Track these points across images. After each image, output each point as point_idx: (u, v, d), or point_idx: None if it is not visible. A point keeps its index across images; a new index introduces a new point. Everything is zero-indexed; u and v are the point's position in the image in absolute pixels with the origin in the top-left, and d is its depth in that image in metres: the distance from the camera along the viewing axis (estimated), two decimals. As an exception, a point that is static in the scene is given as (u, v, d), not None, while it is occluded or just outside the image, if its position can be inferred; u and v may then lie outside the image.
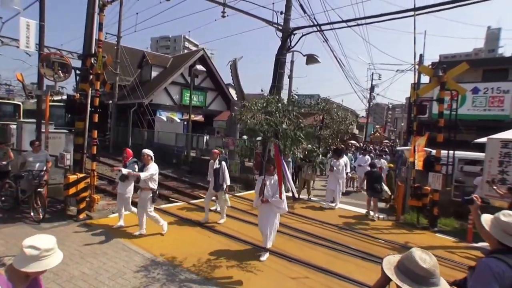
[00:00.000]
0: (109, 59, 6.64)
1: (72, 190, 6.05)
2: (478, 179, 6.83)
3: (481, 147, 7.16)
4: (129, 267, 4.28)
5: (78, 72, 6.52)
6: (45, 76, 6.37)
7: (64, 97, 14.56)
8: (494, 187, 5.32)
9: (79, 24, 7.34)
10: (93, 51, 6.79)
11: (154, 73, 22.14)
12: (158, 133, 18.19)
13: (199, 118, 22.47)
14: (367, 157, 12.27)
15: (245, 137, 10.07)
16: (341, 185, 8.82)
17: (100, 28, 6.58)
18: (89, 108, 6.55)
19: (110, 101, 19.19)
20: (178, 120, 19.20)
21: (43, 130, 6.88)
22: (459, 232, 6.64)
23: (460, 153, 8.10)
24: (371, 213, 7.77)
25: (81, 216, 6.17)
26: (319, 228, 6.58)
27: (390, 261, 1.63)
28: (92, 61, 6.50)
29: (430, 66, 9.71)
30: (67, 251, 4.59)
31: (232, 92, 21.54)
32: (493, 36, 66.38)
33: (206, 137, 15.95)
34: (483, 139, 6.96)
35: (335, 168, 8.55)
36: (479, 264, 1.90)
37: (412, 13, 6.75)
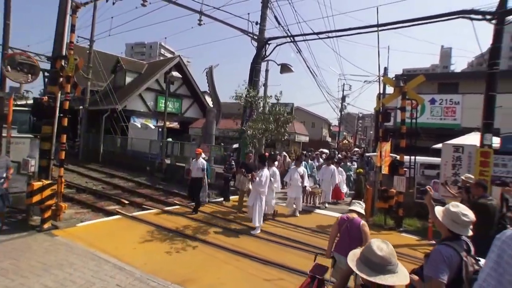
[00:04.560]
0: (81, 62, 6.43)
1: (36, 198, 5.71)
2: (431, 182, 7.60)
3: (438, 153, 7.82)
4: (98, 277, 4.12)
5: (46, 74, 6.25)
6: (9, 78, 6.05)
7: (30, 101, 13.71)
8: (447, 188, 5.86)
9: (47, 25, 7.04)
10: (64, 53, 6.57)
11: (128, 79, 21.61)
12: (132, 140, 17.67)
13: (175, 125, 22.15)
14: (332, 167, 9.66)
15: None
16: (262, 202, 6.79)
17: (73, 30, 6.36)
18: (57, 112, 6.28)
19: (81, 107, 18.40)
20: (153, 127, 18.80)
21: (4, 134, 6.46)
22: (421, 231, 7.12)
23: (421, 158, 8.76)
24: None
25: (46, 225, 5.84)
26: (293, 232, 6.74)
27: (355, 253, 1.73)
28: (63, 63, 6.27)
29: (393, 78, 10.46)
30: (26, 264, 4.31)
31: (208, 99, 21.53)
32: (446, 54, 76.37)
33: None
34: (439, 145, 7.63)
35: (257, 179, 6.75)
36: (432, 251, 2.17)
37: (375, 28, 7.33)
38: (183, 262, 4.85)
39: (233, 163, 9.61)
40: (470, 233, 2.19)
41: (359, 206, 3.57)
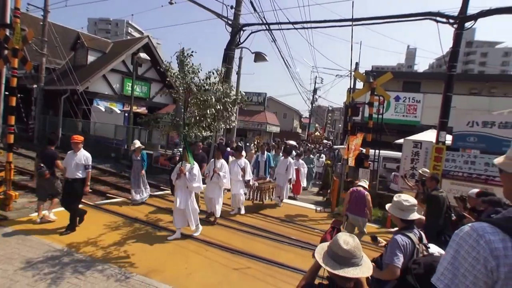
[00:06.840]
0: (30, 33, 5.70)
1: (-21, 186, 5.15)
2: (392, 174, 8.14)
3: (398, 147, 8.35)
4: (56, 271, 3.86)
5: None
6: None
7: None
8: (405, 181, 6.31)
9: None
10: (9, 21, 5.80)
11: (90, 58, 19.98)
12: (95, 124, 16.54)
13: (142, 110, 21.10)
14: (288, 159, 8.38)
15: None
16: (191, 200, 5.36)
17: (17, -6, 5.50)
18: (3, 90, 5.61)
19: (35, 86, 16.71)
20: (118, 111, 17.73)
21: None
22: (381, 220, 7.60)
23: (384, 152, 9.29)
24: None
25: (-8, 216, 5.31)
26: (262, 221, 6.84)
27: (323, 246, 1.77)
28: (8, 34, 5.54)
29: (363, 74, 10.86)
30: (-36, 261, 3.88)
31: (180, 85, 20.66)
32: (411, 54, 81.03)
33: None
34: (401, 140, 8.13)
35: (187, 174, 5.22)
36: (390, 240, 2.42)
37: (350, 23, 7.47)
38: (150, 252, 4.71)
39: (175, 151, 8.80)
40: (417, 216, 2.47)
41: (365, 183, 5.13)
